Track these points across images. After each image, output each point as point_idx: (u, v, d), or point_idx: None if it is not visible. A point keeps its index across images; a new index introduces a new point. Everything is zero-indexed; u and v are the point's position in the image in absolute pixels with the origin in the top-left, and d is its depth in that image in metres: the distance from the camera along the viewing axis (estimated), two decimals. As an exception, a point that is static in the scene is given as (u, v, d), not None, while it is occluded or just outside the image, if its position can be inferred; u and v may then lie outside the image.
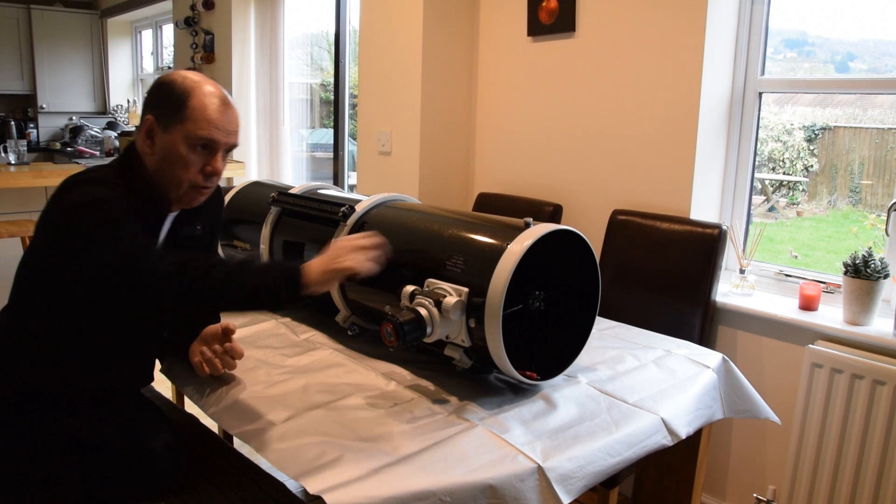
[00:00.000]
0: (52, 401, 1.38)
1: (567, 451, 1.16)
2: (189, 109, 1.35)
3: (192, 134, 1.35)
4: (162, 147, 1.37)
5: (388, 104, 2.90)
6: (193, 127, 1.35)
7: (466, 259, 1.32)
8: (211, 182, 1.42)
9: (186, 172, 1.37)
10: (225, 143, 1.39)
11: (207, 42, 4.49)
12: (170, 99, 1.36)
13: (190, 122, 1.35)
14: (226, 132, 1.38)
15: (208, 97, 1.36)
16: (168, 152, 1.37)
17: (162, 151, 1.37)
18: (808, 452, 1.95)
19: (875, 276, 1.87)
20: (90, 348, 1.39)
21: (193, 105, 1.35)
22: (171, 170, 1.38)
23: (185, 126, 1.35)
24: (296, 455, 1.10)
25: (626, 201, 2.36)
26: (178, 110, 1.35)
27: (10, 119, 6.41)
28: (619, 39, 2.34)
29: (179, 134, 1.35)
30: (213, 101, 1.37)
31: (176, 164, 1.37)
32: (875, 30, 2.36)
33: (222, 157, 1.41)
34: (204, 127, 1.35)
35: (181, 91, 1.36)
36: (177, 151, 1.36)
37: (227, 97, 1.41)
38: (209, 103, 1.36)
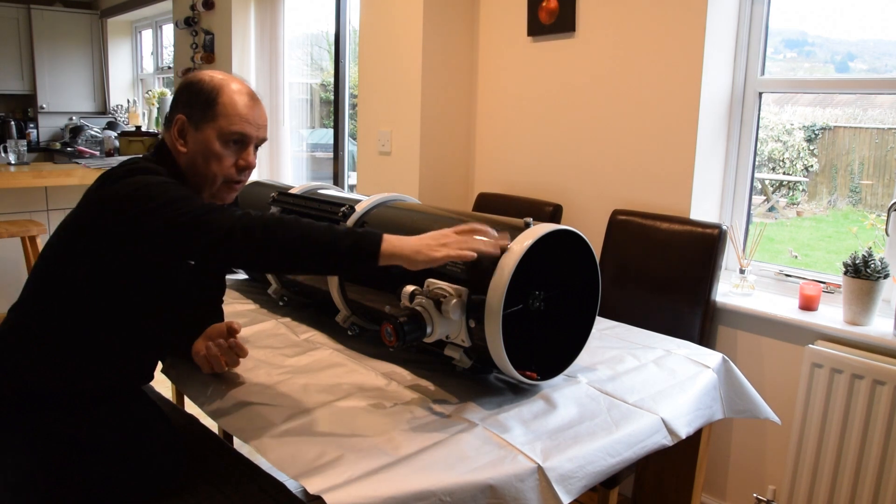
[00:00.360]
0: (52, 401, 1.38)
1: (567, 451, 1.16)
2: (220, 106, 1.38)
3: (224, 130, 1.38)
4: (195, 145, 1.40)
5: (388, 104, 2.90)
6: (226, 123, 1.38)
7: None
8: (244, 176, 1.45)
9: (221, 168, 1.41)
10: (256, 138, 1.43)
11: (207, 42, 4.49)
12: (199, 98, 1.39)
13: (222, 119, 1.38)
14: (256, 126, 1.42)
15: (237, 94, 1.40)
16: (202, 149, 1.40)
17: (195, 149, 1.40)
18: (808, 452, 1.95)
19: (875, 276, 1.87)
20: (93, 348, 1.39)
21: (224, 102, 1.39)
22: (205, 166, 1.41)
23: (217, 123, 1.38)
24: (296, 455, 1.10)
25: (626, 201, 2.36)
26: (210, 108, 1.38)
27: (10, 119, 6.41)
28: (619, 39, 2.34)
29: (213, 131, 1.39)
30: (242, 97, 1.41)
31: (210, 161, 1.40)
32: (875, 30, 2.35)
33: (253, 151, 1.44)
34: (236, 122, 1.39)
35: (210, 89, 1.39)
36: (211, 148, 1.39)
37: (255, 92, 1.45)
38: (238, 99, 1.40)
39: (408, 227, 1.54)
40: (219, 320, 1.56)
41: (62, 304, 1.35)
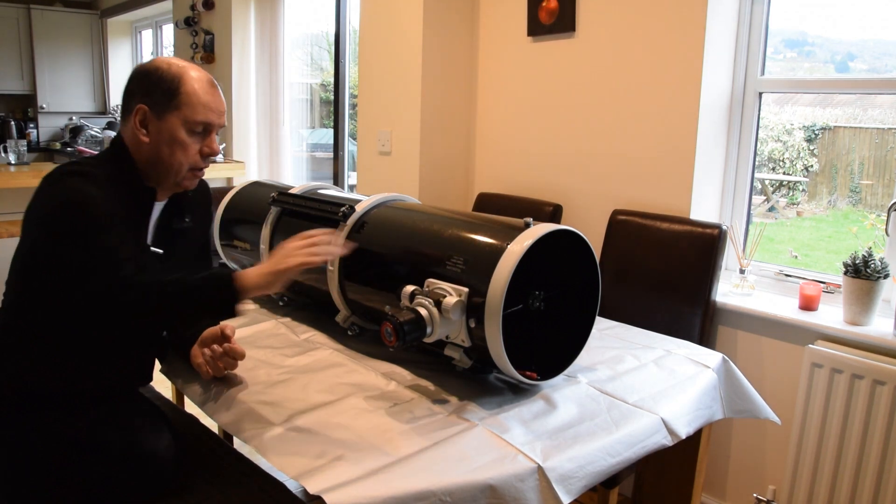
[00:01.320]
0: (51, 401, 1.38)
1: (567, 451, 1.16)
2: (183, 95, 1.39)
3: (190, 119, 1.39)
4: (159, 134, 1.40)
5: (388, 104, 2.90)
6: (191, 112, 1.39)
7: (466, 259, 1.32)
8: (208, 162, 1.47)
9: (187, 156, 1.42)
10: (218, 124, 1.45)
11: (207, 42, 4.49)
12: (160, 86, 1.39)
13: (186, 108, 1.39)
14: (218, 113, 1.44)
15: (198, 82, 1.41)
16: (167, 139, 1.40)
17: (159, 139, 1.40)
18: (808, 452, 1.95)
19: (875, 276, 1.87)
20: (85, 348, 1.39)
21: (187, 90, 1.39)
22: (171, 155, 1.41)
23: (181, 112, 1.39)
24: (296, 455, 1.10)
25: (626, 201, 2.36)
26: (173, 96, 1.38)
27: (10, 119, 6.41)
28: (619, 39, 2.34)
29: (177, 119, 1.39)
30: (203, 85, 1.42)
31: (176, 149, 1.40)
32: (875, 30, 2.35)
33: (215, 137, 1.46)
34: (201, 111, 1.40)
35: (171, 77, 1.39)
36: (177, 137, 1.40)
37: (213, 79, 1.46)
38: (200, 88, 1.41)
39: (408, 227, 1.54)
40: (214, 323, 1.55)
41: (49, 303, 1.34)
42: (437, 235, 1.44)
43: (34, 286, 1.35)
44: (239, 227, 1.96)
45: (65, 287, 1.24)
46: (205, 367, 1.47)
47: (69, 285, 1.24)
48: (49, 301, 1.33)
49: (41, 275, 1.31)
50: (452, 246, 1.37)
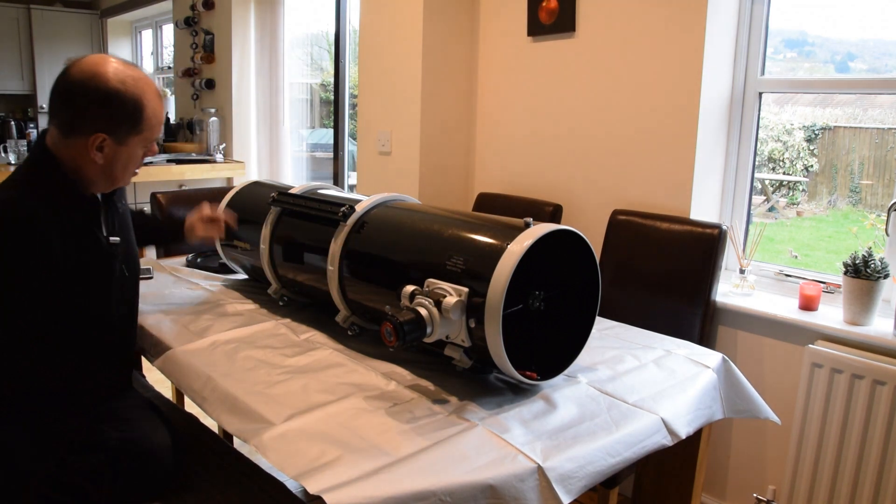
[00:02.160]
0: (49, 400, 1.38)
1: (567, 451, 1.16)
2: (145, 120, 1.40)
3: (149, 138, 1.43)
4: (114, 156, 1.40)
5: (388, 104, 2.90)
6: (150, 132, 1.42)
7: (466, 259, 1.32)
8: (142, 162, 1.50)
9: (135, 166, 1.46)
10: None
11: (207, 42, 4.49)
12: (123, 113, 1.36)
13: (147, 130, 1.41)
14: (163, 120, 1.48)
15: (156, 101, 1.42)
16: (123, 159, 1.42)
17: (114, 160, 1.41)
18: (808, 452, 1.95)
19: (875, 276, 1.87)
20: (58, 342, 1.40)
21: (148, 115, 1.40)
22: (123, 171, 1.44)
23: (143, 135, 1.41)
24: (296, 455, 1.10)
25: (626, 201, 2.36)
26: (136, 123, 1.39)
27: (10, 119, 6.40)
28: (619, 39, 2.34)
29: (136, 142, 1.41)
30: (159, 102, 1.43)
31: (130, 166, 1.44)
32: (875, 30, 2.35)
33: None
34: (157, 128, 1.44)
35: (133, 102, 1.37)
36: (133, 156, 1.43)
37: (159, 86, 1.47)
38: (158, 107, 1.42)
39: (408, 227, 1.54)
40: (173, 224, 1.89)
41: (13, 307, 1.35)
42: (437, 235, 1.44)
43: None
44: (239, 227, 1.96)
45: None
46: (208, 234, 1.83)
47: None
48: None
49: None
50: (452, 246, 1.37)
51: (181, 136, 4.72)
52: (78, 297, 1.40)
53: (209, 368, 1.44)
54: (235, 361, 1.48)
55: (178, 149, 4.54)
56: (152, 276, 2.13)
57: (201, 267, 2.26)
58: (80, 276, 1.39)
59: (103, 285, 1.46)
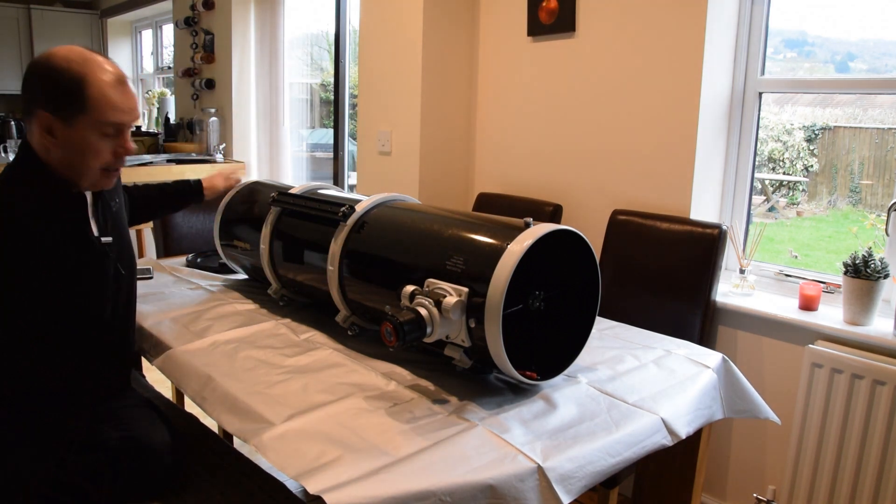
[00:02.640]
0: (49, 399, 1.38)
1: (567, 451, 1.16)
2: (89, 99, 1.31)
3: (100, 122, 1.33)
4: (68, 140, 1.34)
5: (388, 104, 2.90)
6: (99, 115, 1.32)
7: (466, 259, 1.32)
8: (121, 163, 1.42)
9: (98, 159, 1.37)
10: (130, 123, 1.38)
11: (207, 42, 4.49)
12: (63, 90, 1.31)
13: (95, 112, 1.32)
14: (129, 111, 1.36)
15: (104, 81, 1.33)
16: (77, 144, 1.34)
17: (68, 144, 1.35)
18: (808, 452, 1.95)
19: (875, 276, 1.87)
20: (75, 345, 1.40)
21: (92, 94, 1.31)
22: (81, 160, 1.36)
23: (89, 116, 1.32)
24: (296, 455, 1.10)
25: (626, 201, 2.36)
26: (77, 101, 1.31)
27: (10, 119, 6.40)
28: (619, 39, 2.34)
29: (85, 124, 1.33)
30: (110, 83, 1.33)
31: (87, 154, 1.35)
32: (875, 30, 2.35)
33: (129, 135, 1.41)
34: (111, 114, 1.33)
35: (73, 79, 1.31)
36: (86, 142, 1.34)
37: (122, 73, 1.37)
38: (107, 87, 1.33)
39: (408, 227, 1.54)
40: (193, 190, 2.00)
41: (13, 306, 1.35)
42: (437, 235, 1.44)
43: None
44: (239, 227, 1.96)
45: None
46: (220, 180, 2.00)
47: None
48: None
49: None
50: (452, 246, 1.37)
51: (181, 136, 4.72)
52: (73, 297, 1.40)
53: (209, 368, 1.44)
54: (235, 361, 1.48)
55: (178, 149, 4.54)
56: (152, 276, 2.13)
57: (201, 267, 2.26)
58: (74, 275, 1.39)
59: (98, 285, 1.45)
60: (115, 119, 1.34)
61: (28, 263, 1.31)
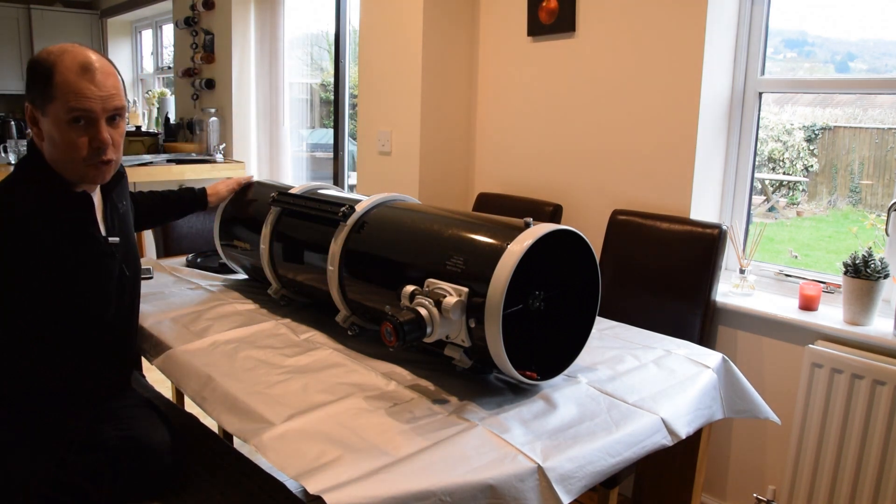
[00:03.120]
0: (49, 399, 1.38)
1: (567, 451, 1.16)
2: (55, 87, 1.28)
3: (64, 109, 1.29)
4: (47, 132, 1.33)
5: (388, 104, 2.90)
6: (63, 103, 1.29)
7: (466, 259, 1.32)
8: (104, 154, 1.35)
9: (76, 151, 1.32)
10: (103, 111, 1.32)
11: (207, 42, 4.49)
12: (37, 79, 1.30)
13: (59, 100, 1.29)
14: (99, 98, 1.31)
15: (70, 66, 1.29)
16: (52, 136, 1.32)
17: (48, 136, 1.33)
18: (808, 452, 1.95)
19: (875, 276, 1.87)
20: (75, 345, 1.40)
21: (58, 81, 1.28)
22: (60, 152, 1.33)
23: (56, 104, 1.29)
24: (296, 455, 1.10)
25: (626, 201, 2.36)
26: (47, 88, 1.29)
27: (10, 119, 6.40)
28: (619, 39, 2.34)
29: (54, 113, 1.30)
30: (74, 68, 1.29)
31: (62, 146, 1.32)
32: (875, 30, 2.35)
33: (105, 125, 1.34)
34: (72, 99, 1.29)
35: (44, 68, 1.29)
36: (60, 132, 1.31)
37: (93, 60, 1.32)
38: (71, 73, 1.29)
39: (408, 227, 1.54)
40: (197, 198, 1.99)
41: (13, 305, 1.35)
42: (437, 235, 1.44)
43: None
44: (239, 227, 1.96)
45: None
46: (223, 187, 1.99)
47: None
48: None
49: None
50: (452, 246, 1.37)
51: (181, 136, 4.73)
52: (76, 297, 1.40)
53: (209, 368, 1.44)
54: (235, 361, 1.48)
55: (178, 149, 4.54)
56: (152, 276, 2.13)
57: (201, 267, 2.26)
58: (78, 275, 1.39)
59: (102, 285, 1.45)
60: (78, 105, 1.29)
61: (28, 263, 1.31)
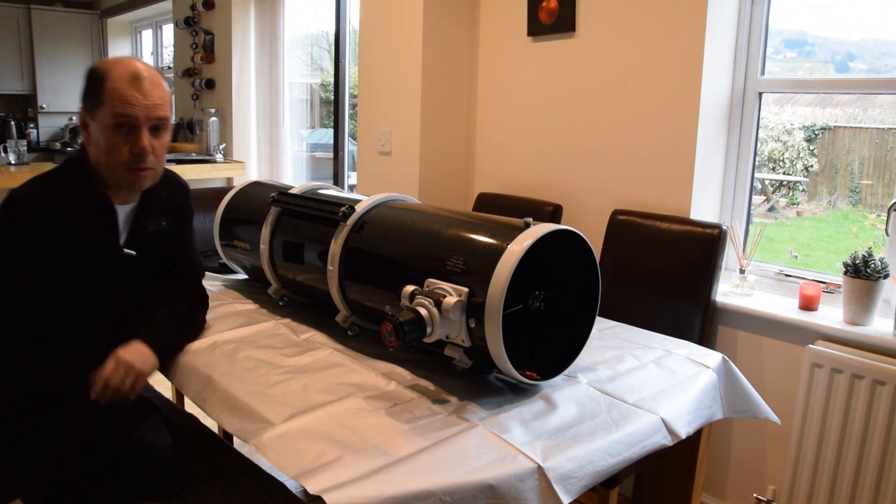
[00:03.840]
0: (50, 399, 1.38)
1: (567, 451, 1.16)
2: (105, 92, 1.35)
3: (109, 114, 1.35)
4: (94, 135, 1.39)
5: (388, 104, 2.90)
6: (109, 108, 1.35)
7: (466, 259, 1.32)
8: (143, 162, 1.39)
9: (114, 155, 1.38)
10: (146, 119, 1.37)
11: (207, 42, 4.49)
12: (91, 86, 1.38)
13: (107, 104, 1.35)
14: (143, 106, 1.36)
15: (121, 74, 1.36)
16: (98, 139, 1.38)
17: (94, 140, 1.39)
18: (808, 452, 1.95)
19: (875, 276, 1.87)
20: (78, 344, 1.40)
21: (108, 87, 1.35)
22: (104, 156, 1.39)
23: (104, 108, 1.36)
24: (296, 455, 1.10)
25: (626, 201, 2.36)
26: (98, 94, 1.36)
27: (10, 119, 6.40)
28: (619, 39, 2.34)
29: (103, 117, 1.36)
30: (124, 76, 1.36)
31: (105, 150, 1.38)
32: (875, 30, 2.36)
33: (147, 134, 1.38)
34: (118, 105, 1.35)
35: (98, 76, 1.37)
36: (105, 135, 1.37)
37: (143, 71, 1.38)
38: (121, 81, 1.35)
39: (408, 227, 1.54)
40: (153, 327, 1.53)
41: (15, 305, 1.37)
42: (437, 235, 1.44)
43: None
44: (239, 227, 1.96)
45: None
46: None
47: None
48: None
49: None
50: (452, 246, 1.37)
51: (181, 136, 4.73)
52: (81, 300, 1.41)
53: (209, 368, 1.44)
54: (235, 361, 1.48)
55: (178, 149, 4.54)
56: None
57: (201, 267, 2.25)
58: (86, 279, 1.40)
59: (109, 292, 1.46)
60: (122, 111, 1.35)
61: (38, 257, 1.33)
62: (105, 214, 1.44)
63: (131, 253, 1.48)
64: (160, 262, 1.58)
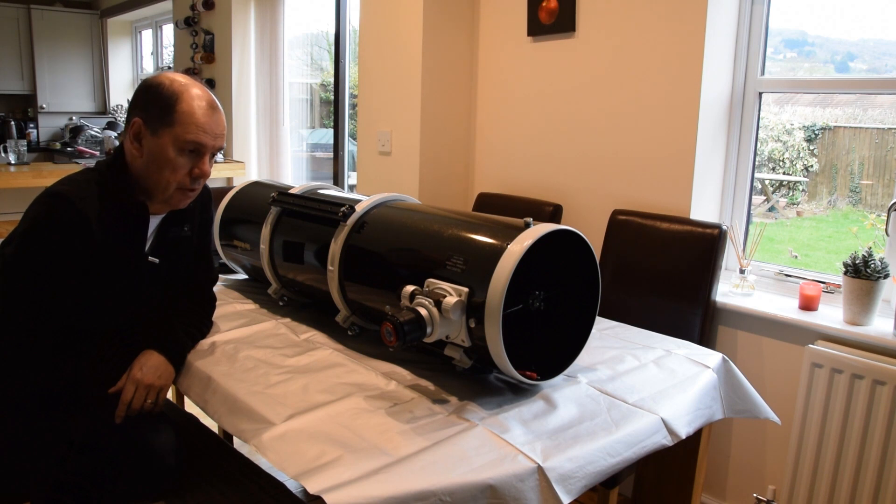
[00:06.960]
0: (52, 400, 1.38)
1: (567, 451, 1.16)
2: (178, 114, 1.37)
3: (180, 138, 1.38)
4: (150, 150, 1.40)
5: (388, 104, 2.90)
6: (182, 131, 1.37)
7: (466, 259, 1.32)
8: (197, 184, 1.46)
9: (174, 175, 1.41)
10: (212, 147, 1.43)
11: (207, 42, 4.49)
12: (158, 102, 1.38)
13: (179, 126, 1.37)
14: (213, 136, 1.41)
15: (196, 101, 1.39)
16: (156, 155, 1.39)
17: (150, 154, 1.40)
18: (808, 452, 1.95)
19: (875, 276, 1.87)
20: (83, 346, 1.40)
21: (182, 109, 1.37)
22: (158, 172, 1.40)
23: (174, 130, 1.37)
24: (296, 455, 1.10)
25: (626, 201, 2.36)
26: (167, 114, 1.37)
27: (10, 119, 6.40)
28: (619, 39, 2.34)
29: (168, 137, 1.38)
30: (201, 104, 1.39)
31: (164, 167, 1.40)
32: (875, 30, 2.36)
33: (209, 159, 1.44)
34: (192, 131, 1.38)
35: (169, 94, 1.38)
36: (165, 155, 1.39)
37: (215, 101, 1.44)
38: (197, 107, 1.39)
39: (408, 227, 1.54)
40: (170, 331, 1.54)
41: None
42: (437, 235, 1.44)
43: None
44: (239, 227, 1.96)
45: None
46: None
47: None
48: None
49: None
50: (452, 246, 1.37)
51: (181, 136, 4.72)
52: (100, 303, 1.41)
53: (209, 369, 1.44)
54: (236, 361, 1.48)
55: (178, 149, 4.53)
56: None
57: (201, 267, 2.25)
58: (109, 284, 1.41)
59: (128, 297, 1.47)
60: (196, 138, 1.39)
61: (65, 263, 1.34)
62: (141, 224, 1.45)
63: (154, 261, 1.49)
64: (179, 267, 1.59)
